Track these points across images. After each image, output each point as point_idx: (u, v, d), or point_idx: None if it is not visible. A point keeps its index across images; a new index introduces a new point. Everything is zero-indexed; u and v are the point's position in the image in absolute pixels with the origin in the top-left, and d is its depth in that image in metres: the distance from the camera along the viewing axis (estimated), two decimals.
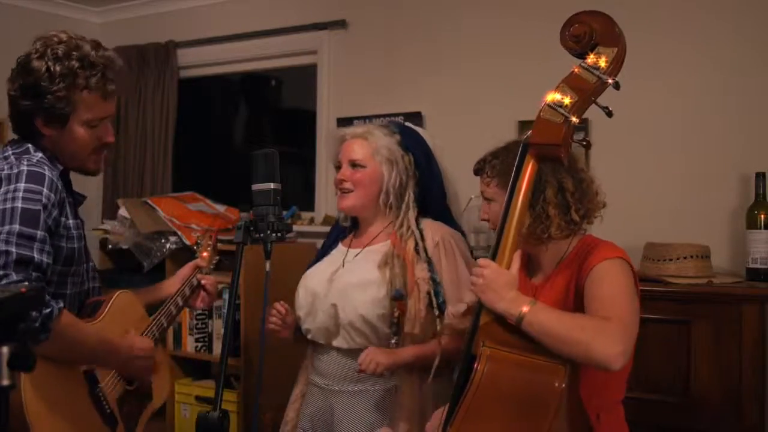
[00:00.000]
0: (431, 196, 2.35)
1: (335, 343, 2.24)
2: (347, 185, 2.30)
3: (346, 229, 2.46)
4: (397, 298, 2.16)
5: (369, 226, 2.37)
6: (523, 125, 3.18)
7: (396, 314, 2.16)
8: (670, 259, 2.67)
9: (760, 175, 2.71)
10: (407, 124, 2.59)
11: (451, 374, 2.14)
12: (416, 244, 2.25)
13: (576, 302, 1.81)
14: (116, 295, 2.06)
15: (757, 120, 2.83)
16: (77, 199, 2.05)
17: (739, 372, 2.44)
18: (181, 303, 2.28)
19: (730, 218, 2.85)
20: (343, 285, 2.23)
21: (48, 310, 1.66)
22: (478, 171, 2.05)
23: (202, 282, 2.33)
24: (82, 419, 1.90)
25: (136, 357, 2.00)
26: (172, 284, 2.32)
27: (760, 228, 2.67)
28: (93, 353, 1.91)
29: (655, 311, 2.53)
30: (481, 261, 1.77)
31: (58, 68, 1.83)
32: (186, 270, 2.34)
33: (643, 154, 3.02)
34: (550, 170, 1.85)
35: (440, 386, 2.19)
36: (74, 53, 1.85)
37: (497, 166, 1.97)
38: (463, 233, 2.40)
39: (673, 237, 2.78)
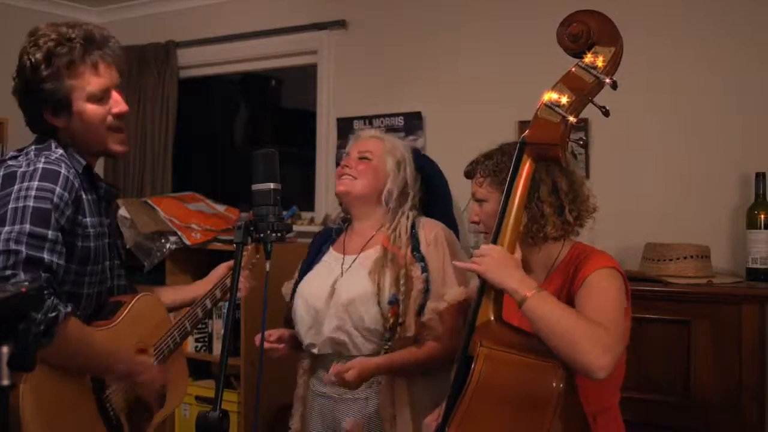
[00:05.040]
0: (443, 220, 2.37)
1: (344, 352, 2.22)
2: (350, 171, 2.31)
3: (332, 232, 2.44)
4: (392, 302, 2.16)
5: (359, 221, 2.36)
6: (524, 125, 3.18)
7: (390, 319, 2.16)
8: (670, 259, 2.67)
9: (760, 175, 2.71)
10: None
11: (446, 371, 2.15)
12: (412, 247, 2.24)
13: None
14: (137, 297, 2.00)
15: (757, 120, 2.82)
16: (106, 193, 1.97)
17: (739, 372, 2.44)
18: (209, 305, 2.21)
19: (730, 218, 2.85)
20: (346, 298, 2.20)
21: (54, 314, 1.62)
22: (469, 173, 2.04)
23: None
24: (83, 426, 1.84)
25: (135, 375, 1.93)
26: (203, 285, 2.25)
27: (760, 228, 2.67)
28: (92, 364, 1.84)
29: (655, 311, 2.54)
30: (484, 246, 1.75)
31: (38, 56, 1.80)
32: (220, 270, 2.28)
33: (643, 153, 3.01)
34: (545, 169, 1.86)
35: (435, 383, 2.19)
36: (50, 35, 1.82)
37: (490, 165, 1.96)
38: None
39: (673, 237, 2.78)
